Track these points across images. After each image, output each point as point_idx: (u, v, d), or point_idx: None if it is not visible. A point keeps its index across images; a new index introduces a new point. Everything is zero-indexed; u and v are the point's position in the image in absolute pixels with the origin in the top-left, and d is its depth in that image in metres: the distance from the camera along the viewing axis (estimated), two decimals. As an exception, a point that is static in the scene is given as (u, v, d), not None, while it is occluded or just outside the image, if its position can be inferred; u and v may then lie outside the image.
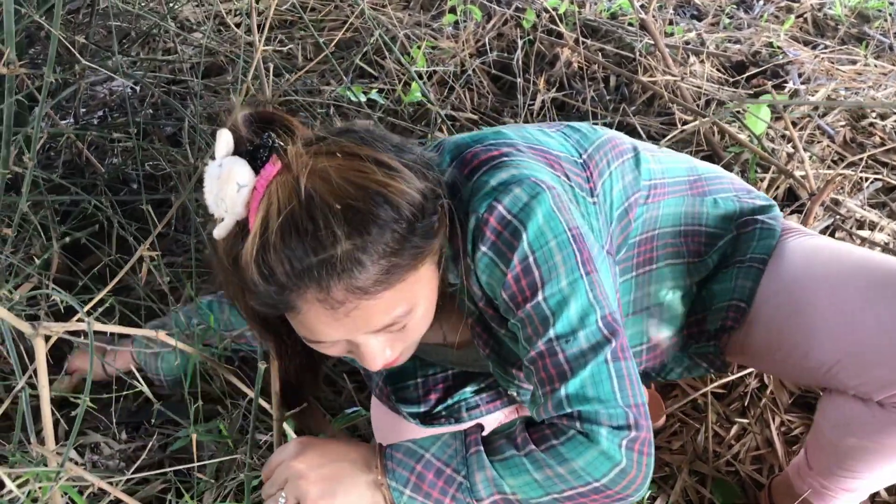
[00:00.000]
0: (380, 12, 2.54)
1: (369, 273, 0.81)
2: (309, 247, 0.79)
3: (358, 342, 0.89)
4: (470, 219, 0.91)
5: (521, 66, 2.34)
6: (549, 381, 0.91)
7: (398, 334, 0.90)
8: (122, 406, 1.51)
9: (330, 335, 0.87)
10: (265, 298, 0.83)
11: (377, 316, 0.85)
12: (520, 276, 0.91)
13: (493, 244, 0.91)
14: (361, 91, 1.91)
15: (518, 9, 2.56)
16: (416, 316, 0.90)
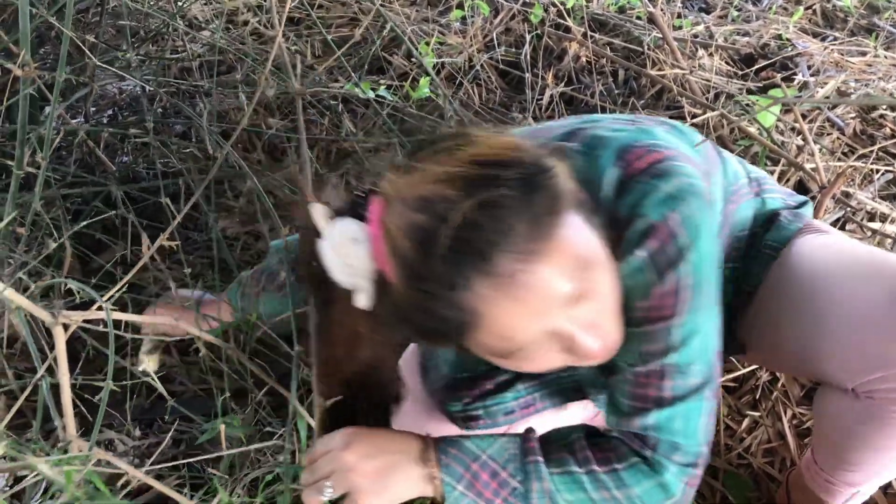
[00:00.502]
0: (387, 9, 2.54)
1: (516, 231, 0.75)
2: (446, 241, 0.74)
3: (562, 331, 0.81)
4: (635, 221, 0.87)
5: (530, 60, 2.34)
6: (644, 399, 0.91)
7: (594, 306, 0.82)
8: (136, 403, 1.53)
9: (525, 327, 0.78)
10: (442, 326, 0.78)
11: (556, 280, 0.77)
12: (668, 293, 0.88)
13: (654, 252, 0.87)
14: (370, 87, 1.92)
15: (525, 3, 2.55)
16: (597, 274, 0.82)
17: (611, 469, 0.90)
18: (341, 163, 2.00)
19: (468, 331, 0.78)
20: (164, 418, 1.47)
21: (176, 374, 1.59)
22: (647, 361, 0.90)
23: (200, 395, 1.56)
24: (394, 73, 2.30)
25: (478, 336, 0.79)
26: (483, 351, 0.83)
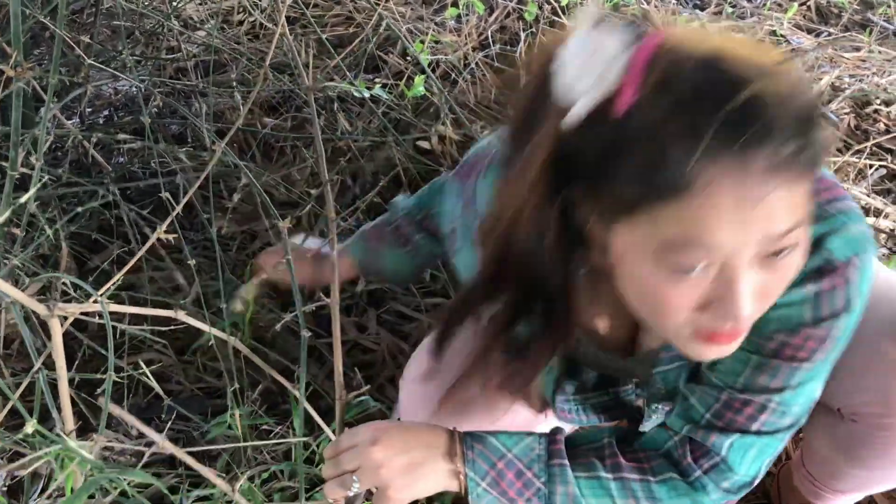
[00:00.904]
0: (382, 7, 2.55)
1: (791, 145, 0.67)
2: (722, 105, 0.66)
3: (727, 273, 0.72)
4: (816, 252, 0.82)
5: (525, 58, 2.34)
6: (729, 422, 0.88)
7: (771, 274, 0.74)
8: (133, 402, 1.53)
9: (723, 237, 0.69)
10: (650, 176, 0.68)
11: (782, 213, 0.69)
12: (815, 338, 0.84)
13: (823, 293, 0.82)
14: (365, 86, 1.92)
15: (520, 1, 2.56)
16: (798, 249, 0.74)
17: (643, 479, 0.88)
18: (337, 161, 2.01)
19: (669, 197, 0.69)
20: (162, 417, 1.48)
21: (172, 373, 1.60)
22: (753, 391, 0.86)
23: (197, 395, 1.56)
24: (389, 72, 2.30)
25: (672, 210, 0.69)
26: (645, 236, 0.72)
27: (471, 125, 2.08)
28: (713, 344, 0.78)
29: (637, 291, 0.78)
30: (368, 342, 1.67)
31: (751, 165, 0.66)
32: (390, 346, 1.65)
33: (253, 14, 2.53)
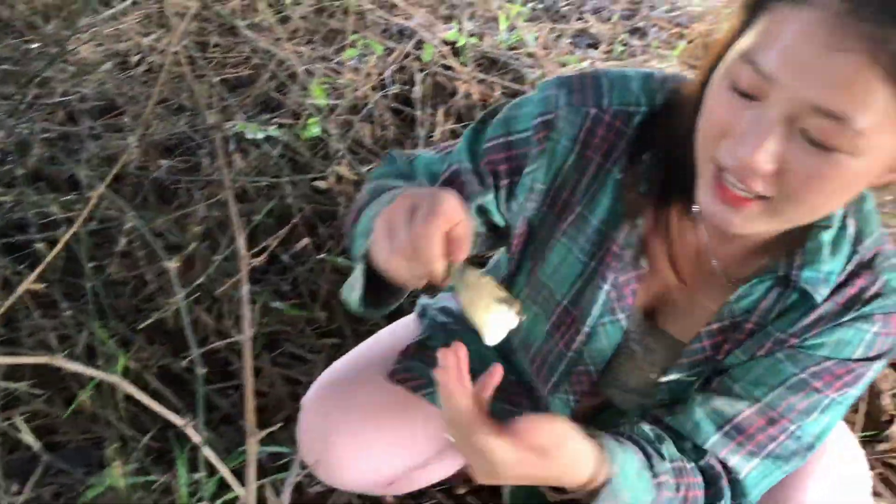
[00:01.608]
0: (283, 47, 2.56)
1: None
2: None
3: (765, 113, 0.71)
4: (876, 278, 0.87)
5: (422, 98, 2.38)
6: (748, 436, 0.91)
7: (804, 159, 0.71)
8: (15, 457, 1.49)
9: (779, 63, 0.69)
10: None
11: (848, 90, 0.66)
12: (853, 373, 0.89)
13: (881, 335, 0.88)
14: (258, 129, 1.93)
15: (419, 43, 2.61)
16: (844, 164, 0.71)
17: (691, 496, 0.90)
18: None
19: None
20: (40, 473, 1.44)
21: (60, 425, 1.56)
22: (777, 408, 0.90)
23: (83, 447, 1.53)
24: (287, 112, 2.32)
25: (777, 14, 0.70)
26: (742, 43, 0.74)
27: (368, 165, 2.11)
28: (721, 200, 0.77)
29: (703, 108, 0.78)
30: (262, 385, 1.66)
31: (861, 17, 0.65)
32: (283, 390, 1.64)
33: (151, 55, 2.51)
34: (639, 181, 0.92)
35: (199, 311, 1.79)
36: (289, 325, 1.79)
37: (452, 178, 1.00)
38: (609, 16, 3.07)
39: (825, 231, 0.87)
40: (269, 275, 1.90)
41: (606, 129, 0.92)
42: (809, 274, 0.87)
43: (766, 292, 0.92)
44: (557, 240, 0.99)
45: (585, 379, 1.06)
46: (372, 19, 2.76)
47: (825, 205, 0.78)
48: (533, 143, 0.95)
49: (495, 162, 0.98)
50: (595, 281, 0.98)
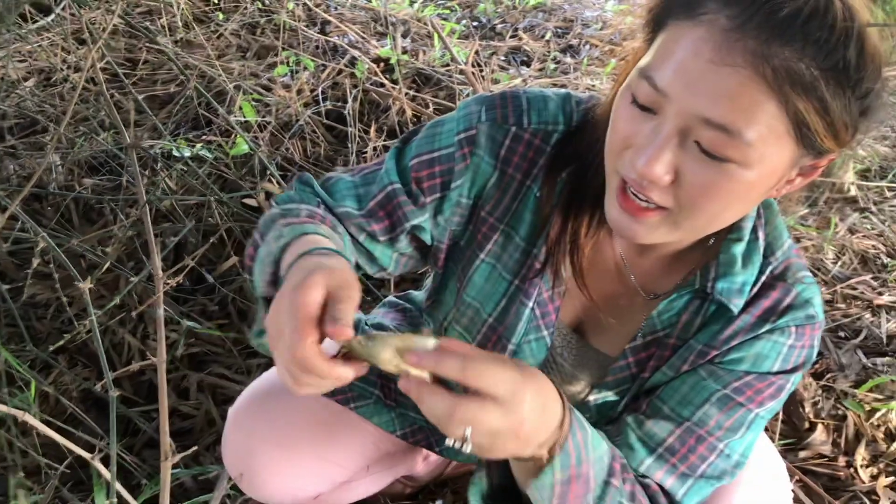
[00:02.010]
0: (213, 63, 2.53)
1: (788, 55, 0.68)
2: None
3: (660, 126, 0.74)
4: (801, 302, 0.89)
5: (356, 115, 2.38)
6: (681, 458, 0.91)
7: (698, 169, 0.74)
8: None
9: (672, 78, 0.72)
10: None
11: (735, 103, 0.69)
12: (774, 385, 0.90)
13: (796, 347, 0.90)
14: (186, 146, 1.90)
15: (352, 59, 2.61)
16: (736, 175, 0.73)
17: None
18: (160, 222, 1.97)
19: (676, 16, 0.74)
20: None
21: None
22: (705, 426, 0.91)
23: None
24: (217, 130, 2.29)
25: (668, 34, 0.74)
26: (644, 59, 0.77)
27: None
28: (624, 210, 0.80)
29: (611, 123, 0.81)
30: (188, 408, 1.63)
31: (744, 35, 0.68)
32: (210, 411, 1.61)
33: (77, 72, 2.46)
34: (554, 198, 0.94)
35: (124, 332, 1.75)
36: (217, 346, 1.76)
37: (386, 201, 0.99)
38: (542, 34, 3.11)
39: (736, 244, 0.89)
40: (197, 294, 1.87)
41: (526, 148, 0.94)
42: (723, 285, 0.89)
43: (685, 306, 0.93)
44: (483, 260, 1.00)
45: None
46: (304, 36, 2.75)
47: (722, 214, 0.80)
48: (457, 160, 0.96)
49: (422, 179, 0.98)
50: (519, 298, 0.98)
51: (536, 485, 0.79)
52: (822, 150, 0.75)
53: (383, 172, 1.00)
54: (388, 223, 0.99)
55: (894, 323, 1.95)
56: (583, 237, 0.93)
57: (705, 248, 0.91)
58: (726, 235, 0.89)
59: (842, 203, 2.44)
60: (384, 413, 1.19)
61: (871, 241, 2.26)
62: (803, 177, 0.81)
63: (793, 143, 0.73)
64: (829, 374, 1.78)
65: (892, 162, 2.71)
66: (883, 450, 1.63)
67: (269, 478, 1.14)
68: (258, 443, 1.14)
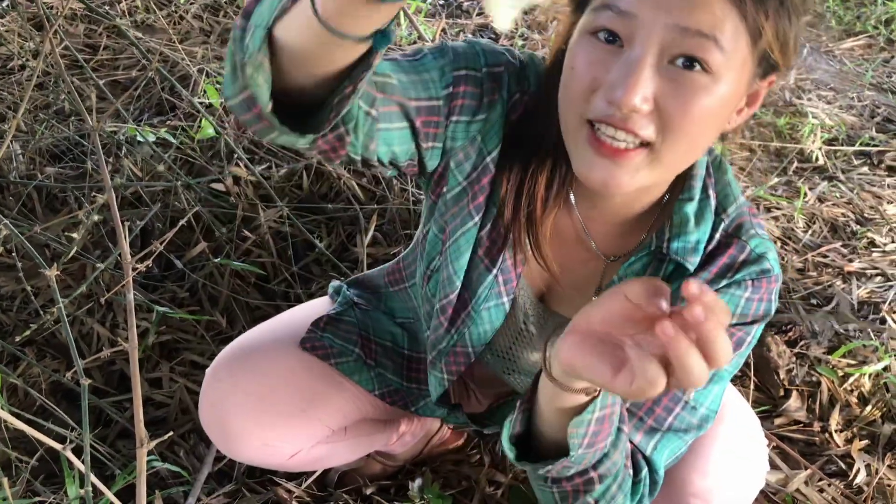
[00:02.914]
0: (176, 48, 2.48)
1: None
2: None
3: (632, 52, 0.74)
4: (755, 257, 0.90)
5: (323, 95, 2.35)
6: (646, 412, 0.92)
7: (675, 91, 0.75)
8: None
9: (638, 4, 0.73)
10: None
11: (708, 10, 0.71)
12: (733, 338, 0.90)
13: (754, 299, 0.91)
14: (150, 132, 1.86)
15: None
16: (711, 90, 0.75)
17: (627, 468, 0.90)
18: (126, 208, 1.93)
19: None
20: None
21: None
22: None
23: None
24: (181, 114, 2.25)
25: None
26: (587, 15, 0.78)
27: (264, 164, 2.06)
28: (601, 155, 0.78)
29: (564, 76, 0.80)
30: (161, 396, 1.61)
31: None
32: (184, 399, 1.59)
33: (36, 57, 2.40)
34: (508, 175, 0.93)
35: (93, 322, 1.72)
36: (188, 333, 1.73)
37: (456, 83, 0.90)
38: (509, 10, 3.09)
39: (688, 203, 0.90)
40: (167, 282, 1.84)
41: (513, 110, 0.93)
42: (678, 245, 0.90)
43: (643, 268, 0.94)
44: (462, 217, 0.97)
45: (463, 360, 1.07)
46: (269, 17, 2.70)
47: (700, 139, 0.81)
48: (487, 92, 0.91)
49: (461, 94, 0.91)
50: (485, 263, 0.98)
51: (575, 422, 0.79)
52: (771, 63, 0.79)
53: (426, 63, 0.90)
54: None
55: (865, 289, 1.97)
56: (539, 213, 0.93)
57: (660, 209, 0.92)
58: (678, 196, 0.91)
59: (810, 172, 2.46)
60: (364, 371, 1.18)
61: (840, 209, 2.28)
62: (749, 106, 0.84)
63: (749, 57, 0.76)
64: (803, 342, 1.80)
65: (858, 130, 2.73)
66: (856, 414, 1.65)
67: (248, 431, 1.12)
68: (238, 395, 1.12)
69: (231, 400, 1.11)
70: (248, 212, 1.94)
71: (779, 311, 1.90)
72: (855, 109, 2.86)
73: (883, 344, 1.77)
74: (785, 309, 1.90)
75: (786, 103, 2.86)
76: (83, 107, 1.41)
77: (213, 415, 1.13)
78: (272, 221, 1.91)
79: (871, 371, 1.70)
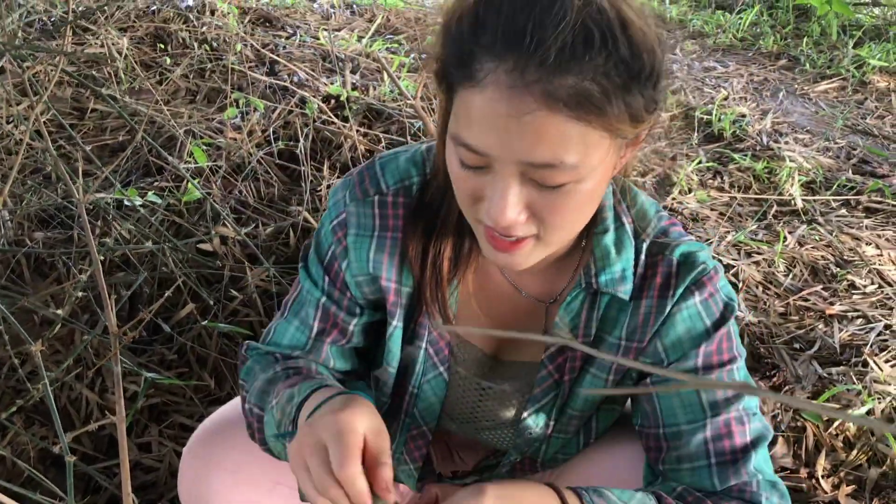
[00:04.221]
0: (162, 109, 2.52)
1: (572, 83, 0.71)
2: (534, 20, 0.71)
3: (497, 177, 0.78)
4: (691, 266, 0.93)
5: (309, 153, 2.38)
6: (732, 450, 0.92)
7: (543, 198, 0.79)
8: None
9: (484, 140, 0.75)
10: (458, 47, 0.76)
11: (547, 141, 0.73)
12: (723, 337, 0.93)
13: (707, 301, 0.93)
14: (136, 195, 1.89)
15: (302, 98, 2.62)
16: (577, 189, 0.78)
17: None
18: (113, 272, 1.95)
19: (464, 70, 0.76)
20: None
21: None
22: (721, 409, 0.92)
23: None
24: (168, 176, 2.28)
25: (462, 99, 0.77)
26: (451, 126, 0.81)
27: (251, 225, 2.08)
28: (498, 250, 0.84)
29: (453, 181, 0.84)
30: (150, 461, 1.61)
31: (524, 76, 0.71)
32: (173, 463, 1.59)
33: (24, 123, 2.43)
34: (415, 243, 0.99)
35: (82, 387, 1.72)
36: (177, 395, 1.74)
37: (325, 316, 1.03)
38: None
39: (604, 235, 0.94)
40: (155, 345, 1.85)
41: (394, 208, 0.98)
42: (605, 277, 0.93)
43: (581, 306, 0.96)
44: (389, 322, 1.03)
45: (422, 442, 1.10)
46: (253, 77, 2.75)
47: (580, 220, 0.86)
48: (337, 247, 1.01)
49: (334, 282, 1.03)
50: (415, 343, 1.02)
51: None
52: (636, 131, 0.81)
53: (306, 293, 1.05)
54: (336, 332, 1.04)
55: (847, 332, 2.00)
56: (446, 272, 0.97)
57: (581, 249, 0.96)
58: (593, 230, 0.94)
59: (789, 216, 2.50)
60: None
61: (819, 252, 2.31)
62: (631, 148, 0.85)
63: (609, 141, 0.77)
64: (787, 387, 1.82)
65: (836, 172, 2.78)
66: (842, 458, 1.66)
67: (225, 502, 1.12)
68: (212, 469, 1.12)
69: (207, 479, 1.11)
70: (236, 272, 1.96)
71: (762, 356, 1.92)
72: (831, 152, 2.92)
73: (866, 387, 1.79)
74: (768, 354, 1.92)
75: (763, 147, 2.91)
76: (69, 178, 1.43)
77: (191, 496, 1.14)
78: (259, 280, 1.93)
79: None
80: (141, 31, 3.10)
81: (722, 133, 3.03)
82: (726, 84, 3.65)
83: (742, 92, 3.57)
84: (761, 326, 2.01)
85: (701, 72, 3.81)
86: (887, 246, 2.37)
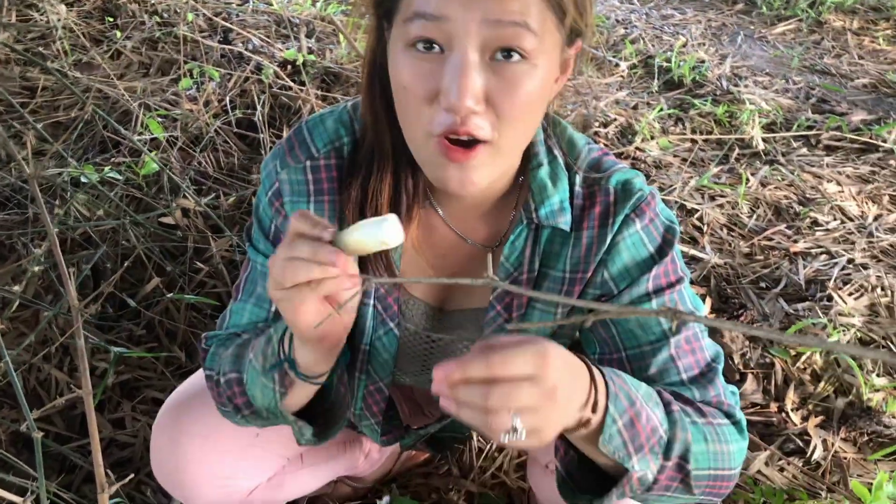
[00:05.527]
0: (114, 84, 2.47)
1: None
2: None
3: (455, 55, 0.76)
4: (628, 194, 0.93)
5: (267, 120, 2.35)
6: (698, 365, 0.94)
7: (500, 81, 0.77)
8: None
9: (443, 7, 0.74)
10: None
11: (511, 3, 0.74)
12: (670, 259, 0.94)
13: (648, 226, 0.94)
14: (93, 171, 1.85)
15: (258, 65, 2.57)
16: (531, 74, 0.78)
17: (718, 424, 0.90)
18: (76, 250, 1.92)
19: None
20: None
21: None
22: (678, 330, 0.94)
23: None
24: (125, 150, 2.24)
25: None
26: (399, 25, 0.79)
27: (212, 195, 2.06)
28: (452, 162, 0.81)
29: (397, 96, 0.82)
30: (125, 437, 1.60)
31: None
32: (148, 438, 1.58)
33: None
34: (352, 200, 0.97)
35: (50, 367, 1.70)
36: (148, 370, 1.72)
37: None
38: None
39: (539, 169, 0.94)
40: (123, 321, 1.83)
41: (327, 171, 0.97)
42: (545, 210, 0.94)
43: (524, 243, 0.97)
44: None
45: (379, 397, 1.10)
46: (207, 46, 2.70)
47: (532, 120, 0.84)
48: (277, 218, 1.00)
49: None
50: (363, 300, 1.02)
51: (604, 441, 0.79)
52: (575, 31, 0.82)
53: (260, 268, 1.03)
54: None
55: (811, 268, 2.02)
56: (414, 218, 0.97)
57: (519, 187, 0.96)
58: (529, 167, 0.95)
59: (751, 158, 2.52)
60: None
61: (782, 192, 2.34)
62: (562, 73, 0.87)
63: (558, 33, 0.79)
64: (755, 325, 1.84)
65: (795, 113, 2.80)
66: (811, 391, 1.69)
67: (199, 474, 1.11)
68: (183, 437, 1.11)
69: (179, 448, 1.11)
70: (199, 243, 1.93)
71: (729, 297, 1.95)
72: (790, 92, 2.93)
73: (831, 320, 1.82)
74: (735, 294, 1.95)
75: (723, 91, 2.92)
76: (17, 154, 1.40)
77: (164, 467, 1.13)
78: (223, 251, 1.91)
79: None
80: (88, 5, 3.02)
81: (682, 80, 3.04)
82: (685, 31, 3.64)
83: (700, 38, 3.57)
84: (727, 268, 2.03)
85: (659, 20, 3.80)
86: (848, 182, 2.40)
